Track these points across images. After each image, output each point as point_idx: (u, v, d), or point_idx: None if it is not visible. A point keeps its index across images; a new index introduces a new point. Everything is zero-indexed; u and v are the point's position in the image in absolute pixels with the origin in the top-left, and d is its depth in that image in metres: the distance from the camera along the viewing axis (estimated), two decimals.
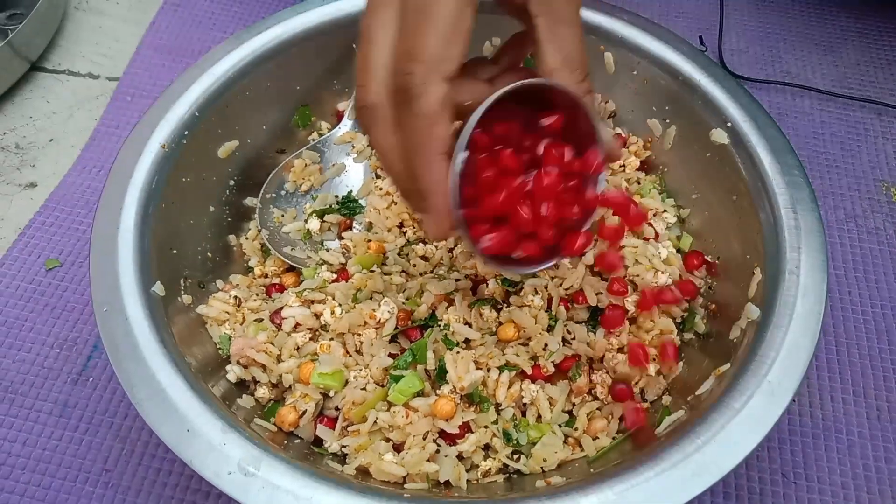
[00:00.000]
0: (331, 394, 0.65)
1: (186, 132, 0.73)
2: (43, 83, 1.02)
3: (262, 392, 0.66)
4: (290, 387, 0.66)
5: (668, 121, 0.81)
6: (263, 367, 0.66)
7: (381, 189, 0.79)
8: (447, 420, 0.62)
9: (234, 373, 0.66)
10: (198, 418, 0.55)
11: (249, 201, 0.80)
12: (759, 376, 0.57)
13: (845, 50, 1.06)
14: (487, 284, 0.69)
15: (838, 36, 1.07)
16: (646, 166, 0.83)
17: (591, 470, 0.59)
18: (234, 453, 0.53)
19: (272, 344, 0.67)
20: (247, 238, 0.79)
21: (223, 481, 0.51)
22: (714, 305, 0.71)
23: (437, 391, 0.64)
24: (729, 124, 0.73)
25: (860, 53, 1.05)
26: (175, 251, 0.70)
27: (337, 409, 0.65)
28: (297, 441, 0.64)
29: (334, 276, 0.73)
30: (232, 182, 0.79)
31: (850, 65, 1.04)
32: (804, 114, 0.98)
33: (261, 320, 0.69)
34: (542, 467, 0.63)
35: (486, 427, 0.63)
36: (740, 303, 0.65)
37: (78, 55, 1.06)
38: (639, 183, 0.82)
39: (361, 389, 0.64)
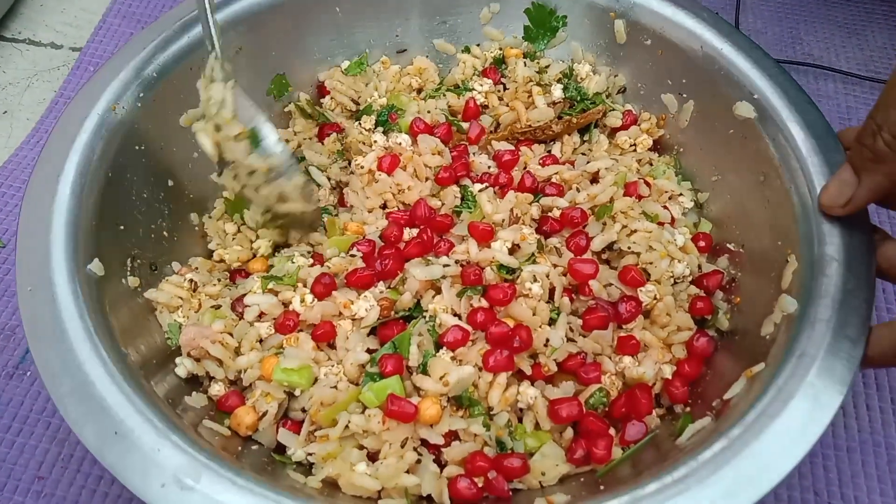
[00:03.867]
0: (297, 393, 0.57)
1: (142, 94, 0.65)
2: (0, 52, 0.94)
3: (218, 390, 0.58)
4: (250, 385, 0.57)
5: (685, 95, 0.73)
6: (220, 361, 0.57)
7: (361, 167, 0.70)
8: (431, 426, 0.53)
9: (184, 367, 0.58)
10: (129, 418, 0.46)
11: (215, 177, 0.71)
12: (799, 378, 0.48)
13: (871, 32, 0.99)
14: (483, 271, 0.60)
15: (863, 18, 1.01)
16: (659, 146, 0.75)
17: (601, 487, 0.50)
18: (170, 461, 0.44)
19: (230, 335, 0.58)
20: (210, 217, 0.70)
21: (152, 494, 0.43)
22: (738, 299, 0.62)
23: (420, 392, 0.55)
24: (755, 97, 0.65)
25: (887, 37, 0.99)
26: (122, 227, 0.61)
27: (303, 410, 0.57)
28: (255, 448, 0.56)
29: (310, 261, 0.65)
30: (195, 154, 0.70)
31: (877, 48, 0.97)
32: (829, 97, 0.91)
33: (219, 307, 0.61)
34: (540, 482, 0.54)
35: (475, 435, 0.55)
36: (771, 295, 0.57)
37: (41, 24, 0.98)
38: (651, 164, 0.74)
39: (332, 388, 0.55)
